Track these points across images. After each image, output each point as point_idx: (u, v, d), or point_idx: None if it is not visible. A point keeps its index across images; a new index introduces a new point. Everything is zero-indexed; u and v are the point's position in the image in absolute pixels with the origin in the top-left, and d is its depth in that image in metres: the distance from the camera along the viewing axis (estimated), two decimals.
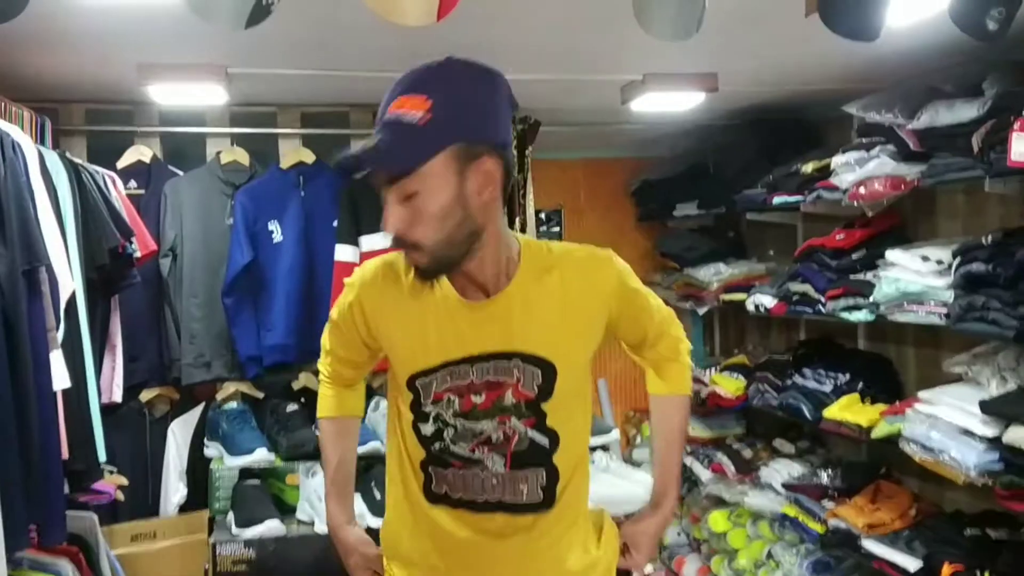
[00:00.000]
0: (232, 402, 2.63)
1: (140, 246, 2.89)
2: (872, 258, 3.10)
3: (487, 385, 1.47)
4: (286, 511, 2.28)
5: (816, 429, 3.49)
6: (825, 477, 3.45)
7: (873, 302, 2.96)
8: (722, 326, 4.96)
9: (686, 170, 4.51)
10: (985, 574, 2.53)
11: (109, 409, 3.01)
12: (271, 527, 2.11)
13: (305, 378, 3.43)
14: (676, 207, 4.42)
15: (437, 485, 1.52)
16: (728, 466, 4.02)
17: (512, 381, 1.46)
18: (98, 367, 2.83)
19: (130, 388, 3.16)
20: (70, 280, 2.16)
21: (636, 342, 1.68)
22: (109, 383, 2.94)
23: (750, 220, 4.11)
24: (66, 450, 2.08)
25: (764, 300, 3.65)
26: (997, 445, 2.43)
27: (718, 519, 4.05)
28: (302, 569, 2.14)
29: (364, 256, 3.35)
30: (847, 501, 3.18)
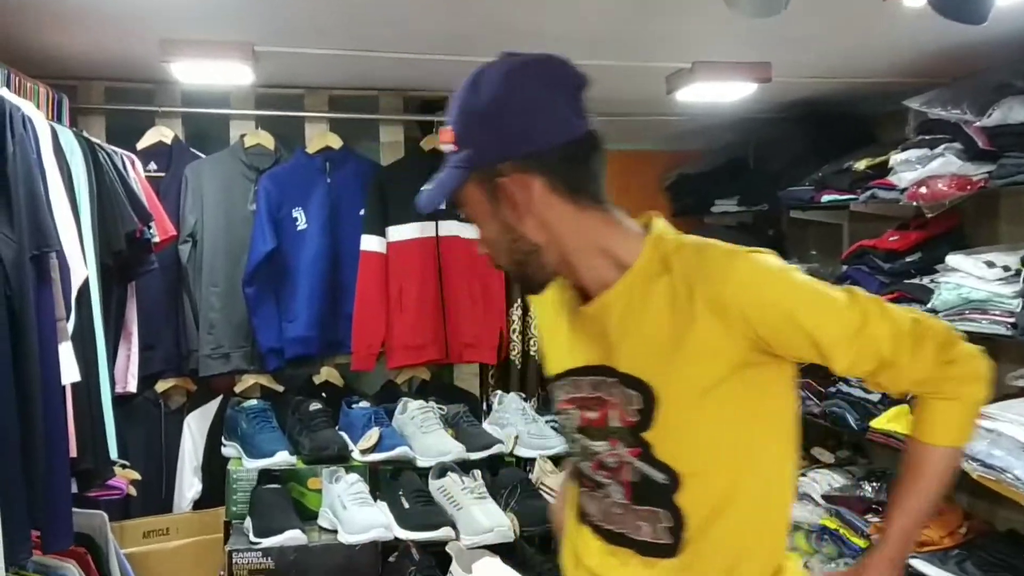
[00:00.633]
0: (252, 399, 2.50)
1: (159, 231, 2.78)
2: (929, 262, 2.93)
3: (598, 401, 1.30)
4: (307, 517, 2.16)
5: (858, 439, 3.33)
6: (869, 489, 3.30)
7: (931, 309, 2.80)
8: None
9: (725, 165, 4.34)
10: None
11: (123, 400, 2.90)
12: (291, 537, 1.97)
13: (327, 372, 3.32)
14: (715, 203, 4.25)
15: (583, 502, 1.39)
16: None
17: (614, 401, 1.28)
18: (112, 355, 2.71)
19: (145, 378, 3.05)
20: (83, 267, 2.03)
21: (843, 370, 1.27)
22: (124, 373, 2.83)
23: (792, 218, 3.94)
24: (74, 448, 1.95)
25: None
26: None
27: None
28: None
29: (391, 247, 3.23)
30: None
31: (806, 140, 3.68)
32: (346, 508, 2.06)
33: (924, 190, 2.77)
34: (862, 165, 3.16)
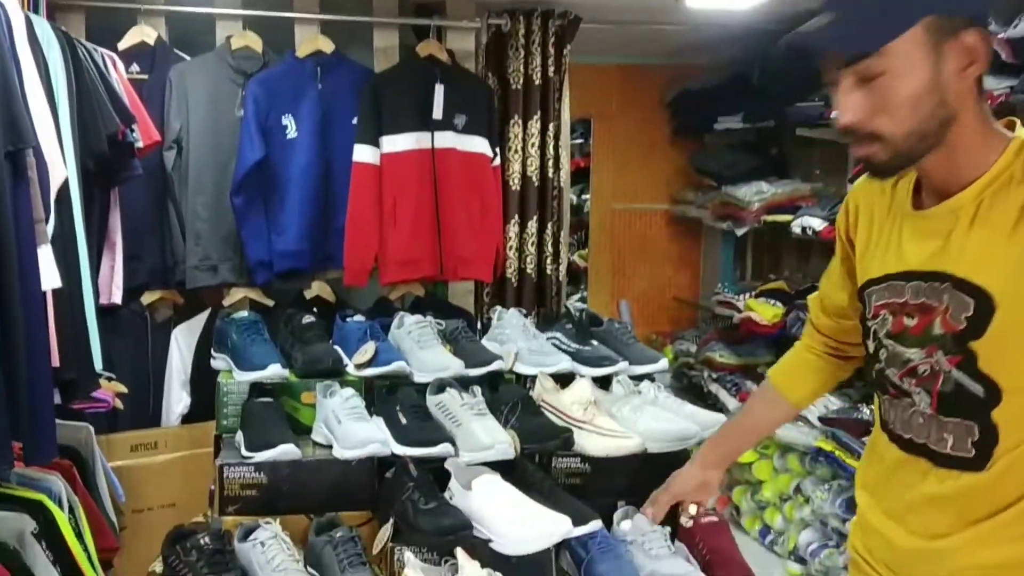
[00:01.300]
0: (242, 311, 2.41)
1: (142, 135, 2.63)
2: None
3: (920, 308, 1.28)
4: (300, 432, 2.08)
5: None
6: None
7: None
8: (755, 250, 4.73)
9: (729, 80, 4.21)
10: None
11: (107, 312, 2.80)
12: (285, 451, 1.90)
13: (318, 287, 3.23)
14: (718, 120, 4.14)
15: (884, 412, 1.40)
16: None
17: (942, 307, 1.25)
18: (96, 265, 2.61)
19: (130, 290, 2.95)
20: (62, 167, 1.91)
21: None
22: (108, 283, 2.72)
23: (797, 136, 3.83)
24: (57, 358, 1.86)
25: (813, 223, 3.42)
26: None
27: None
28: (318, 495, 1.96)
29: (385, 158, 3.11)
30: None
31: (815, 54, 3.55)
32: (341, 423, 1.99)
33: None
34: None
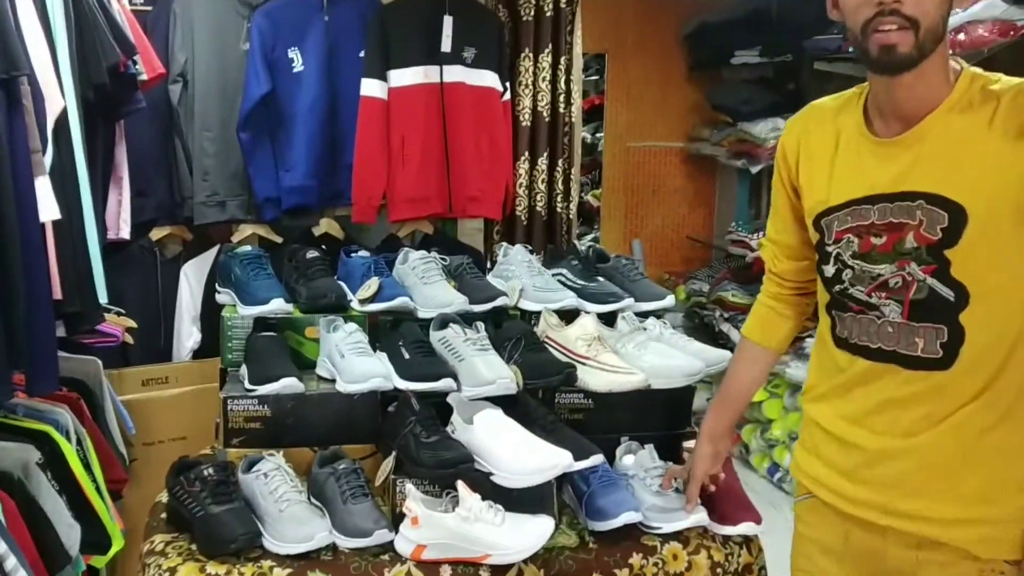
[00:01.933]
0: (247, 246, 2.40)
1: (146, 68, 2.61)
2: None
3: (888, 226, 1.39)
4: (304, 366, 2.08)
5: None
6: None
7: None
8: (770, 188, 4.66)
9: (747, 14, 4.11)
10: None
11: (117, 247, 2.81)
12: (288, 384, 1.90)
13: (327, 224, 3.22)
14: (735, 54, 4.05)
15: (840, 329, 1.49)
16: None
17: (914, 223, 1.36)
18: (103, 200, 2.60)
19: (139, 226, 2.95)
20: (59, 96, 1.88)
21: None
22: (116, 218, 2.73)
23: (815, 70, 3.74)
24: (58, 290, 1.86)
25: None
26: None
27: None
28: (321, 428, 1.97)
29: (393, 93, 3.06)
30: None
31: None
32: (344, 357, 1.98)
33: (963, 36, 2.59)
34: None
